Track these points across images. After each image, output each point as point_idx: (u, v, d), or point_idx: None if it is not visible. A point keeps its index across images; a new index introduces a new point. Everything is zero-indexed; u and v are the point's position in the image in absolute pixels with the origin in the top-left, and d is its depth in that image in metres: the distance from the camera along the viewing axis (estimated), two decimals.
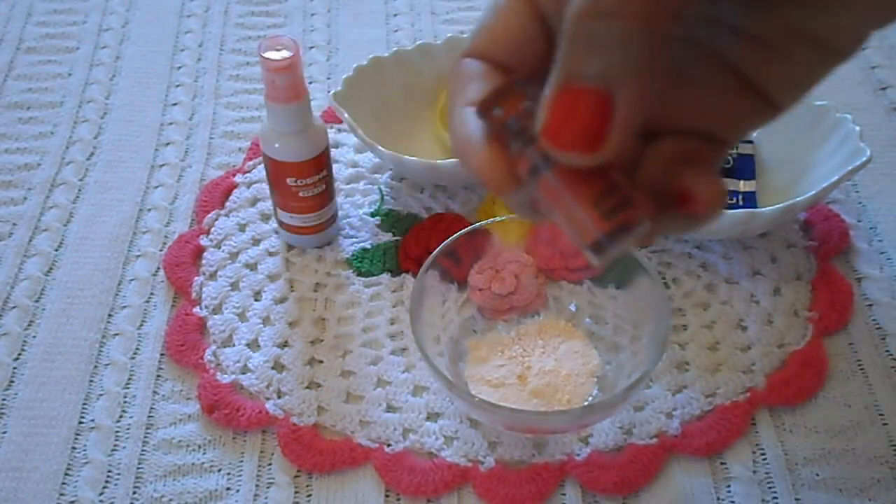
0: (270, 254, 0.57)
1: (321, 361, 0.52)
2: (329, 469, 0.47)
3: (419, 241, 0.57)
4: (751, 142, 0.60)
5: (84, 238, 0.59)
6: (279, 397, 0.50)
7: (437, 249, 0.48)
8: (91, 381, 0.51)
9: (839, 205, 0.59)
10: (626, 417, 0.48)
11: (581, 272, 0.53)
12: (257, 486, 0.47)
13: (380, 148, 0.56)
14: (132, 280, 0.56)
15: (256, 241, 0.58)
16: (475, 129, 0.26)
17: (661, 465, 0.47)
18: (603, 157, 0.23)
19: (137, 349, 0.53)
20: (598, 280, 0.52)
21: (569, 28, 0.22)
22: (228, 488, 0.47)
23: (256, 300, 0.55)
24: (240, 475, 0.47)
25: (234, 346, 0.52)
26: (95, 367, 0.52)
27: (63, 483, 0.47)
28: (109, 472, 0.47)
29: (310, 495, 0.46)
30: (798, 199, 0.51)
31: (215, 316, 0.54)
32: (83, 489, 0.46)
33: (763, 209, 0.51)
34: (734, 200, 0.57)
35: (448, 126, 0.28)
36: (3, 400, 0.50)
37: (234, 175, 0.62)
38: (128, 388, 0.51)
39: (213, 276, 0.56)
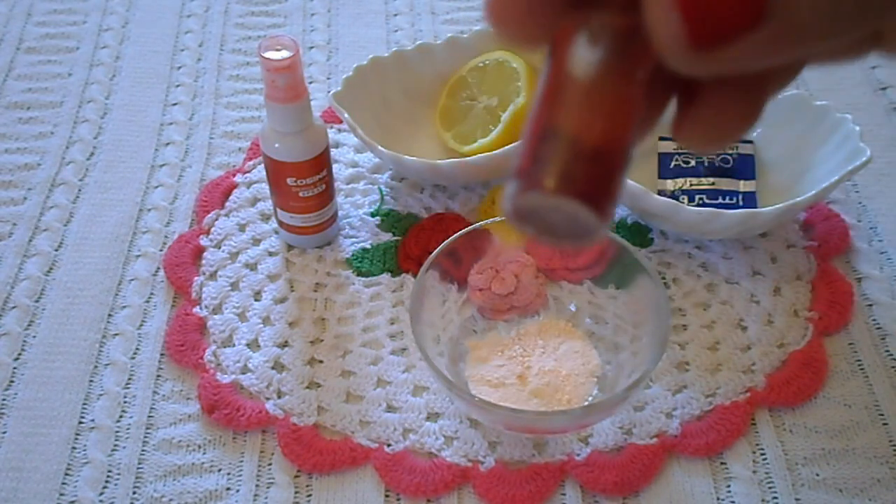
0: (270, 254, 0.58)
1: (321, 361, 0.52)
2: (329, 469, 0.47)
3: (419, 241, 0.57)
4: (751, 142, 0.60)
5: (84, 238, 0.59)
6: (279, 397, 0.50)
7: (437, 249, 0.48)
8: (91, 381, 0.51)
9: (839, 205, 0.59)
10: (626, 417, 0.48)
11: (581, 272, 0.53)
12: (257, 486, 0.47)
13: (380, 148, 0.56)
14: (132, 280, 0.56)
15: (256, 241, 0.58)
16: None
17: (661, 465, 0.47)
18: (700, 66, 0.16)
19: (137, 349, 0.53)
20: (598, 280, 0.52)
21: None
22: (228, 488, 0.47)
23: (256, 300, 0.55)
24: (240, 475, 0.47)
25: (234, 346, 0.52)
26: (95, 367, 0.52)
27: (63, 483, 0.47)
28: (109, 472, 0.47)
29: (310, 495, 0.46)
30: (798, 199, 0.51)
31: (215, 316, 0.54)
32: (83, 489, 0.46)
33: (763, 209, 0.51)
34: (734, 200, 0.57)
35: None
36: (3, 400, 0.50)
37: (234, 175, 0.62)
38: (128, 388, 0.51)
39: (213, 276, 0.56)
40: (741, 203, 0.57)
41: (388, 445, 0.48)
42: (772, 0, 0.15)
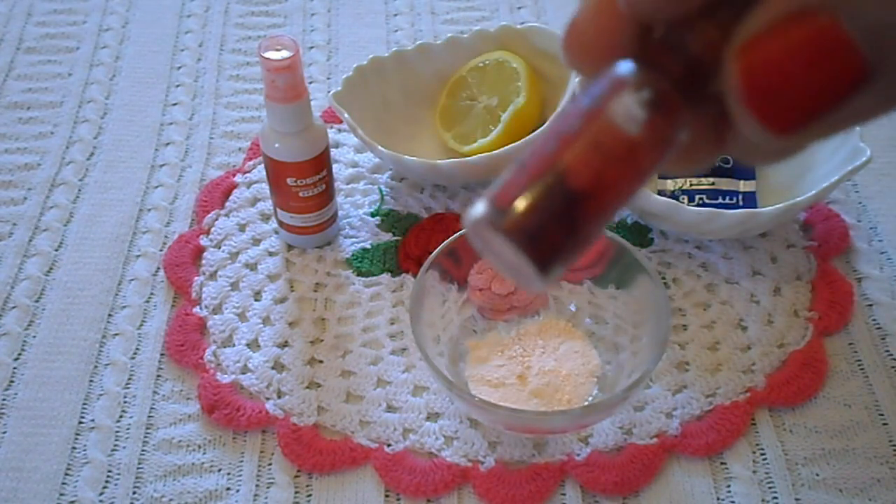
0: (270, 254, 0.57)
1: (321, 361, 0.52)
2: (329, 469, 0.47)
3: (419, 241, 0.57)
4: None
5: (84, 238, 0.59)
6: (279, 397, 0.50)
7: (437, 249, 0.48)
8: (91, 381, 0.51)
9: (839, 205, 0.59)
10: (626, 417, 0.48)
11: (581, 272, 0.53)
12: (257, 486, 0.47)
13: (380, 148, 0.56)
14: (132, 280, 0.56)
15: (256, 241, 0.58)
16: None
17: (661, 465, 0.47)
18: (788, 144, 0.15)
19: (137, 349, 0.53)
20: (598, 280, 0.52)
21: None
22: (228, 488, 0.47)
23: (256, 300, 0.55)
24: (240, 475, 0.47)
25: (234, 346, 0.52)
26: (95, 367, 0.52)
27: (63, 483, 0.47)
28: (109, 472, 0.47)
29: (310, 495, 0.46)
30: (798, 199, 0.51)
31: (215, 316, 0.54)
32: (83, 489, 0.46)
33: (763, 209, 0.51)
34: (734, 200, 0.57)
35: None
36: (3, 400, 0.50)
37: (234, 175, 0.62)
38: (128, 388, 0.51)
39: (213, 276, 0.56)
40: (741, 203, 0.57)
41: (388, 445, 0.48)
42: (879, 58, 0.13)
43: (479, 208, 0.19)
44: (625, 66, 0.18)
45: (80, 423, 0.49)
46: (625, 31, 0.18)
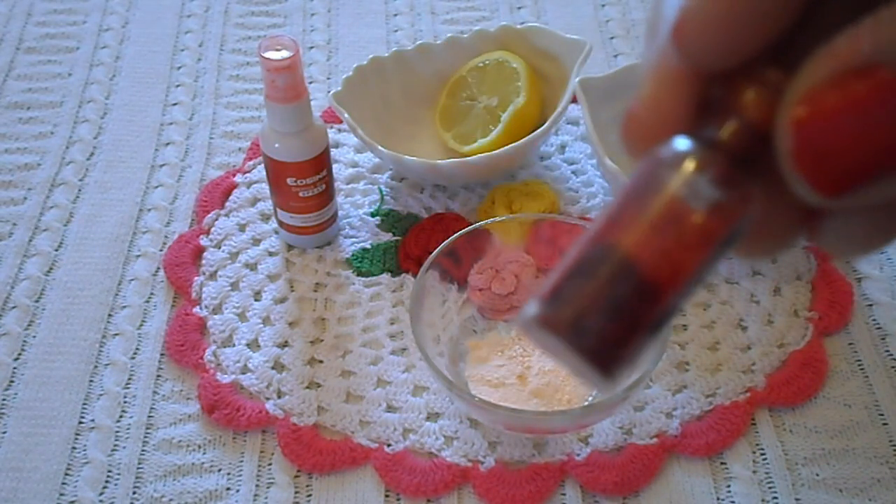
0: (270, 254, 0.58)
1: (321, 361, 0.52)
2: (329, 469, 0.47)
3: (419, 241, 0.57)
4: None
5: (84, 238, 0.59)
6: (279, 397, 0.50)
7: (437, 249, 0.48)
8: (91, 381, 0.51)
9: None
10: (626, 417, 0.48)
11: None
12: (257, 486, 0.47)
13: (380, 148, 0.56)
14: (132, 280, 0.56)
15: (256, 241, 0.58)
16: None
17: (661, 465, 0.47)
18: (840, 203, 0.14)
19: (137, 349, 0.53)
20: None
21: None
22: (228, 488, 0.47)
23: (256, 300, 0.55)
24: (240, 475, 0.47)
25: (234, 346, 0.52)
26: (95, 367, 0.52)
27: (63, 483, 0.47)
28: (109, 472, 0.47)
29: (310, 495, 0.46)
30: None
31: (215, 316, 0.54)
32: (83, 489, 0.46)
33: None
34: None
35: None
36: (3, 400, 0.50)
37: (234, 175, 0.62)
38: (128, 388, 0.51)
39: (213, 276, 0.56)
40: None
41: (388, 445, 0.48)
42: None
43: (531, 307, 0.18)
44: (682, 144, 0.17)
45: (80, 423, 0.49)
46: (685, 110, 0.17)
